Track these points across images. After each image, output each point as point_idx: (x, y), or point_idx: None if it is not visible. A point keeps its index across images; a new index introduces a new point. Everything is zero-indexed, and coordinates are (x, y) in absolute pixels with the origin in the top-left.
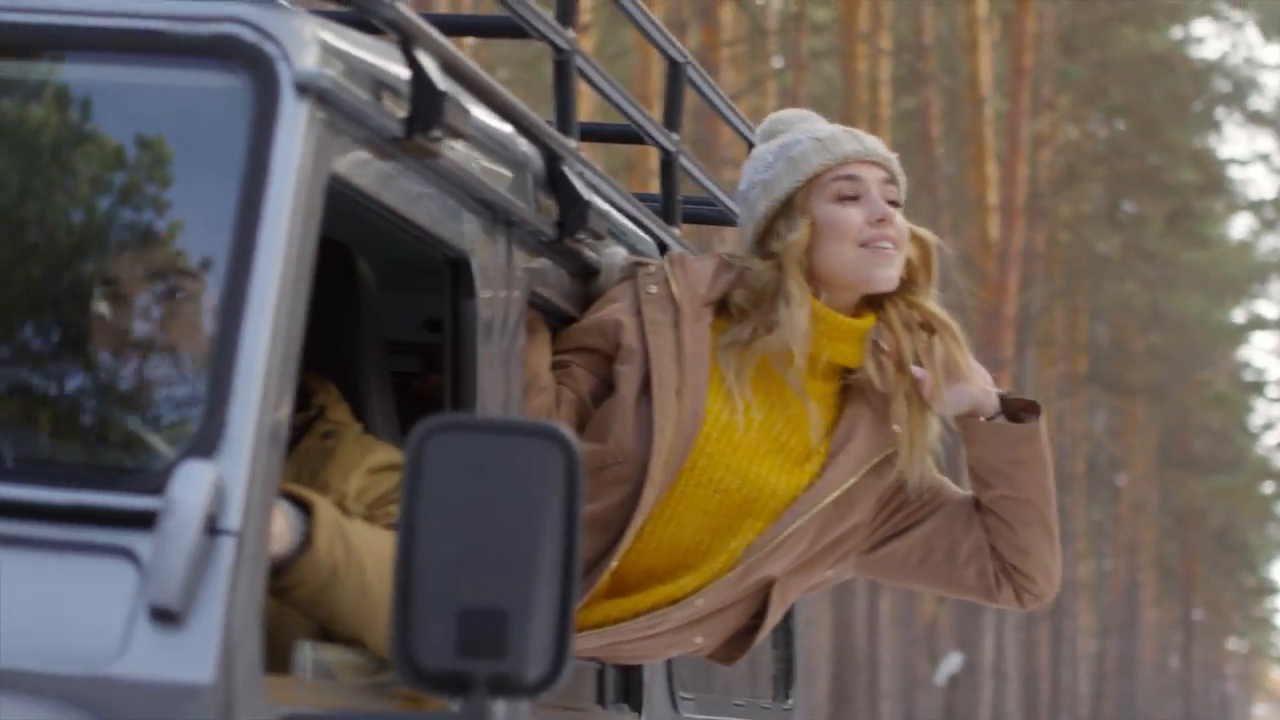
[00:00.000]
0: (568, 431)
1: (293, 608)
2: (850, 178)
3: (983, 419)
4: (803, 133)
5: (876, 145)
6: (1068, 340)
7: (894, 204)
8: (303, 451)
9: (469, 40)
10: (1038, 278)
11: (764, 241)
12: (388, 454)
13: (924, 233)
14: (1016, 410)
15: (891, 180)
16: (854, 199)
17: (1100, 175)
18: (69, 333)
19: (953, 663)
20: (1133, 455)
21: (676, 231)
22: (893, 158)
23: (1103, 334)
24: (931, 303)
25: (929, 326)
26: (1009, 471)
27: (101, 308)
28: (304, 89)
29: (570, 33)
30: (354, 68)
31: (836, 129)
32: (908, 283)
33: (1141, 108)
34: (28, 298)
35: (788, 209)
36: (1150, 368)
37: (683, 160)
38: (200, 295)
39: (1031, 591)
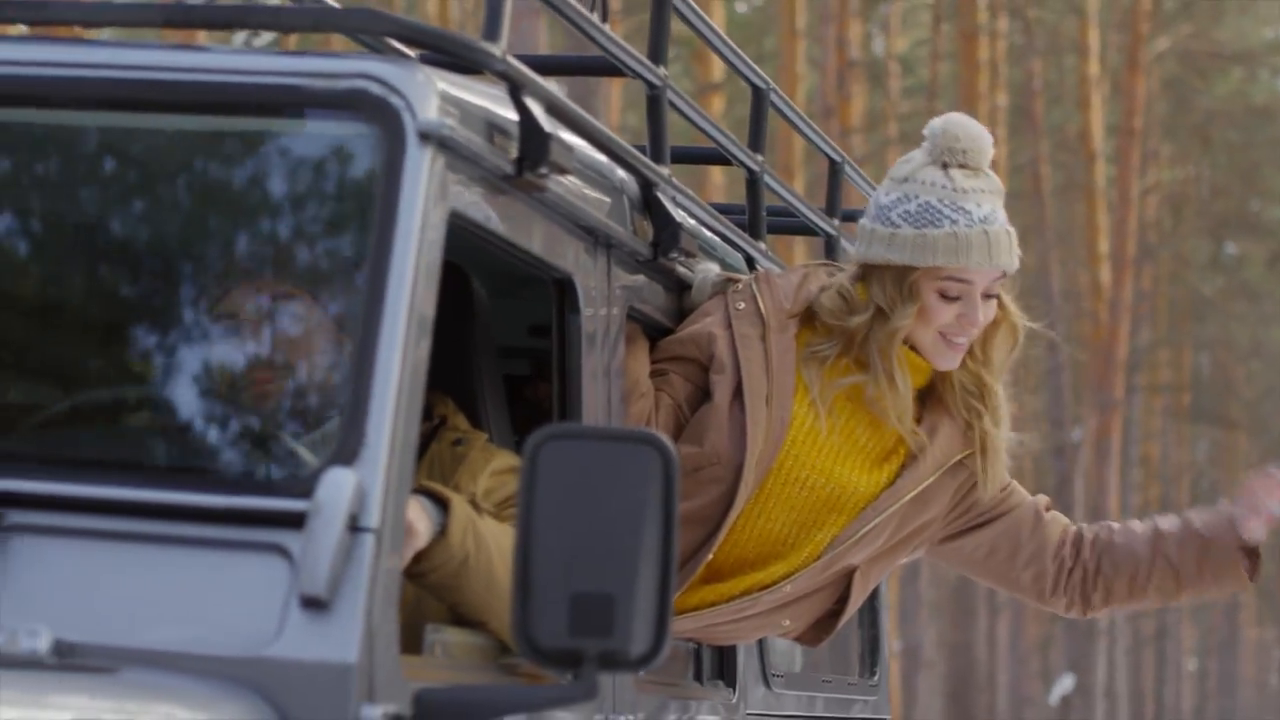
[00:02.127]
0: (666, 439)
1: (427, 591)
2: (963, 281)
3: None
4: (952, 205)
5: (1002, 254)
6: (1173, 377)
7: (992, 296)
8: (432, 457)
9: None
10: (1144, 318)
11: (867, 274)
12: (508, 459)
13: (1017, 320)
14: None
15: (1001, 275)
16: (957, 299)
17: (1203, 223)
18: (229, 360)
19: (1065, 684)
20: (1233, 481)
21: (762, 245)
22: (1013, 263)
23: (1205, 366)
24: None
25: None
26: (1196, 583)
27: (256, 337)
28: (426, 137)
29: (661, 69)
30: (468, 113)
31: (976, 220)
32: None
33: (1243, 153)
34: (194, 332)
35: (900, 274)
36: (1250, 396)
37: (766, 178)
38: (341, 322)
39: (1087, 613)
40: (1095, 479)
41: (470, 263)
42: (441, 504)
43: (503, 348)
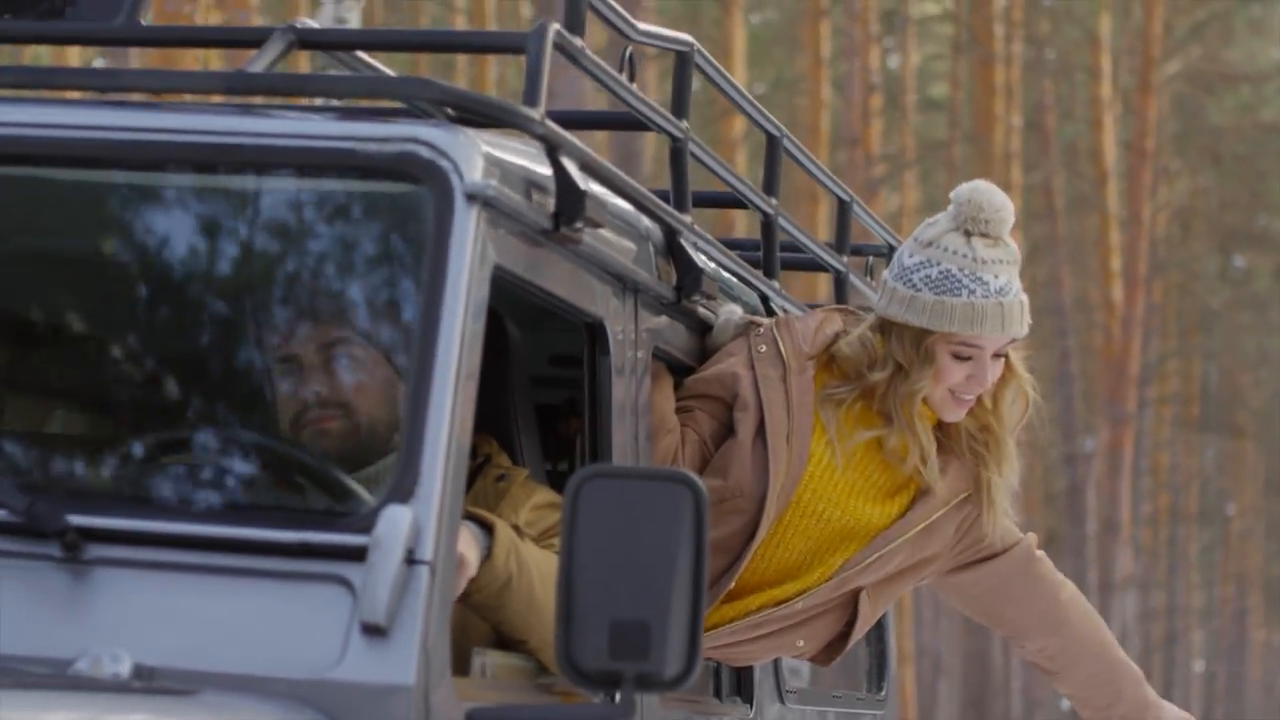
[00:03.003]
0: (698, 479)
1: (471, 610)
2: (975, 346)
3: None
4: (972, 275)
5: (1014, 324)
6: (1181, 387)
7: (1000, 356)
8: (477, 492)
9: None
10: (1154, 330)
11: (886, 328)
12: (547, 494)
13: (1025, 382)
14: None
15: (1011, 340)
16: (968, 359)
17: (1212, 237)
18: (294, 405)
19: None
20: (1241, 487)
21: (776, 284)
22: (1024, 330)
23: (1213, 375)
24: None
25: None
26: None
27: (319, 385)
28: (472, 197)
29: (684, 123)
30: (508, 172)
31: (993, 291)
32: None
33: (1251, 168)
34: (262, 379)
35: (917, 335)
36: (1258, 404)
37: (781, 221)
38: (394, 370)
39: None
40: (1107, 490)
41: (502, 302)
42: (486, 528)
43: (532, 377)
